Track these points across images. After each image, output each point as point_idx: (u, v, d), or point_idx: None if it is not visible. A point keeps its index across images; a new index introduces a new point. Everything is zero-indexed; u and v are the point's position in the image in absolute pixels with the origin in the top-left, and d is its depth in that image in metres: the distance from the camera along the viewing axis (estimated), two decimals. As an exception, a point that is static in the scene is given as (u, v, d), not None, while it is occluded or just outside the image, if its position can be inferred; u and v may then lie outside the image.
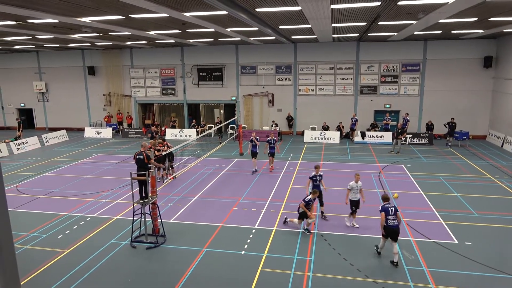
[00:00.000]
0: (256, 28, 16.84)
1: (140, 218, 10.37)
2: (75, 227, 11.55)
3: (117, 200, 13.92)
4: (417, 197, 13.92)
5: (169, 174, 16.63)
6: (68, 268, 9.07)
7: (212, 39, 23.18)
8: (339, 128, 25.66)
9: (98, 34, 19.02)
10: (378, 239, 9.64)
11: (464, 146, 22.70)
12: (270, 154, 17.51)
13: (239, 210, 12.76)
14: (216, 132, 25.52)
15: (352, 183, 10.97)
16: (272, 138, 17.40)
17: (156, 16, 13.57)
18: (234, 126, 26.92)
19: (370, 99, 26.48)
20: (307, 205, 10.66)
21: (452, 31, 19.67)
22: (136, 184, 11.32)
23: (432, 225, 11.36)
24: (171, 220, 11.92)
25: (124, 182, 15.99)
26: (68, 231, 11.22)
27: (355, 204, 11.04)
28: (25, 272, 8.85)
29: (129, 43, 24.49)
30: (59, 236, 10.88)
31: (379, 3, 11.71)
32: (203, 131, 26.42)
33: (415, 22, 15.73)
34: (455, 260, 9.26)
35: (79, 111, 31.40)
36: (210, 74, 28.54)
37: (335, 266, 9.03)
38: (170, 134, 27.25)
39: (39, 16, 13.03)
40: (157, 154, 14.78)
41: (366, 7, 12.39)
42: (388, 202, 9.24)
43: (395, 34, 20.52)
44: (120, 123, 29.78)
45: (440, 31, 19.52)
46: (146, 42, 24.05)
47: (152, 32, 18.62)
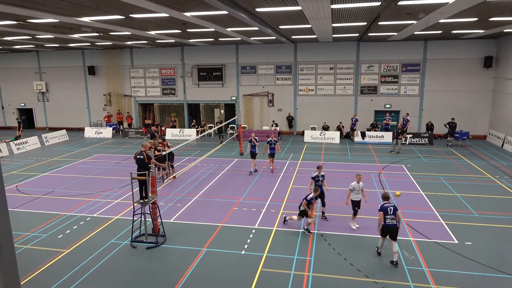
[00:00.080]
0: (256, 28, 16.84)
1: (140, 218, 10.37)
2: (75, 227, 11.56)
3: (117, 200, 13.92)
4: (417, 197, 13.92)
5: (169, 174, 16.64)
6: (68, 268, 9.07)
7: (212, 39, 23.18)
8: (339, 128, 25.66)
9: (98, 34, 19.02)
10: (378, 239, 9.62)
11: (464, 146, 22.69)
12: (271, 155, 17.44)
13: (239, 210, 12.76)
14: (216, 132, 25.51)
15: (353, 183, 10.94)
16: (272, 139, 17.29)
17: (156, 16, 13.57)
18: (234, 126, 26.92)
19: (370, 99, 26.48)
20: (309, 203, 10.68)
21: (452, 31, 19.67)
22: (136, 184, 11.32)
23: (432, 225, 11.36)
24: (171, 220, 11.92)
25: (124, 182, 15.99)
26: (68, 231, 11.23)
27: (357, 205, 11.03)
28: (25, 272, 8.85)
29: (129, 43, 24.49)
30: (59, 236, 10.89)
31: (379, 3, 11.70)
32: (203, 131, 26.43)
33: (415, 22, 15.73)
34: (455, 260, 9.26)
35: (79, 111, 31.41)
36: (210, 74, 28.53)
37: (335, 266, 9.03)
38: (170, 134, 27.26)
39: (39, 16, 13.02)
40: (157, 154, 14.79)
41: (366, 7, 12.38)
42: (388, 202, 9.23)
43: (395, 34, 20.52)
44: (120, 123, 29.78)
45: (440, 31, 19.52)
46: (146, 42, 24.05)
47: (152, 32, 18.62)
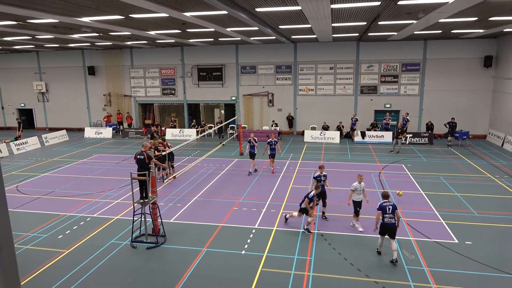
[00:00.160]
0: (256, 28, 16.83)
1: (140, 218, 10.37)
2: (75, 227, 11.55)
3: (117, 200, 13.92)
4: (417, 196, 13.92)
5: (170, 174, 16.64)
6: (68, 268, 9.07)
7: (212, 39, 23.18)
8: (339, 128, 25.66)
9: (98, 34, 19.02)
10: (378, 239, 9.62)
11: (464, 146, 22.69)
12: (271, 156, 17.35)
13: (239, 210, 12.76)
14: (217, 132, 25.50)
15: (355, 184, 10.91)
16: (272, 140, 17.21)
17: (156, 16, 13.57)
18: (234, 126, 26.92)
19: (370, 98, 26.48)
20: (311, 201, 10.69)
21: (452, 31, 19.66)
22: (136, 184, 11.33)
23: (432, 224, 11.36)
24: (171, 220, 11.92)
25: (124, 182, 15.99)
26: (68, 231, 11.23)
27: (359, 205, 11.01)
28: (25, 272, 8.85)
29: (129, 43, 24.49)
30: (59, 236, 10.89)
31: (379, 3, 11.69)
32: (203, 131, 26.42)
33: (415, 21, 15.72)
34: (456, 260, 9.26)
35: (79, 111, 31.40)
36: (210, 74, 28.53)
37: (335, 266, 9.03)
38: (170, 134, 27.26)
39: (39, 16, 13.02)
40: (157, 154, 14.79)
41: (366, 6, 12.38)
42: (388, 200, 9.24)
43: (395, 33, 20.52)
44: (120, 123, 29.77)
45: (440, 31, 19.51)
46: (146, 42, 24.05)
47: (152, 32, 18.61)
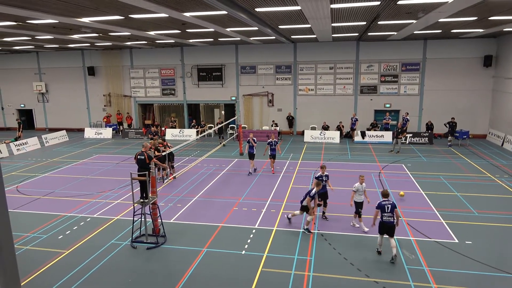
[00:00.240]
0: (256, 28, 16.83)
1: (140, 218, 10.37)
2: (75, 227, 11.56)
3: (117, 201, 13.92)
4: (417, 196, 13.92)
5: (170, 174, 16.64)
6: (69, 268, 9.07)
7: (212, 39, 23.18)
8: (339, 128, 25.66)
9: (97, 35, 19.02)
10: (377, 239, 9.62)
11: (464, 145, 22.69)
12: (272, 156, 17.29)
13: (239, 210, 12.76)
14: (217, 133, 25.49)
15: (357, 184, 10.88)
16: (273, 140, 17.17)
17: (156, 16, 13.56)
18: (234, 126, 26.91)
19: (370, 98, 26.48)
20: (312, 198, 10.71)
21: (452, 30, 19.66)
22: (136, 184, 11.33)
23: (432, 224, 11.36)
24: (172, 220, 11.92)
25: (124, 183, 15.99)
26: (69, 232, 11.23)
27: (360, 206, 10.99)
28: (25, 272, 8.85)
29: (129, 43, 24.49)
30: (60, 237, 10.89)
31: (379, 3, 11.69)
32: (203, 131, 26.42)
33: (415, 21, 15.72)
34: (456, 259, 9.26)
35: (79, 112, 31.40)
36: (210, 74, 28.53)
37: (336, 266, 9.03)
38: (170, 134, 27.26)
39: (39, 16, 13.02)
40: (157, 154, 14.78)
41: (366, 6, 12.37)
42: (387, 199, 9.25)
43: (395, 33, 20.51)
44: (120, 123, 29.77)
45: (440, 30, 19.51)
46: (146, 42, 24.05)
47: (152, 32, 18.61)
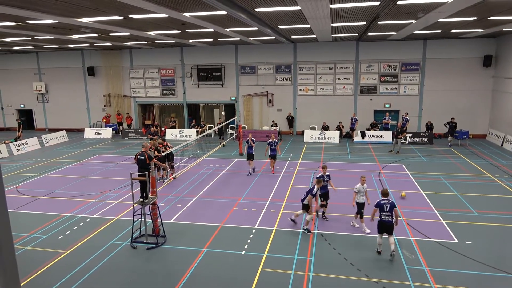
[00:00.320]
0: (256, 28, 16.83)
1: (140, 218, 10.37)
2: (75, 228, 11.55)
3: (117, 201, 13.92)
4: (417, 196, 13.93)
5: (170, 174, 16.64)
6: (68, 269, 9.07)
7: (211, 39, 23.17)
8: (339, 128, 25.66)
9: (97, 35, 19.01)
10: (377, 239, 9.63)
11: (464, 145, 22.69)
12: (272, 157, 17.25)
13: (239, 210, 12.76)
14: (217, 133, 25.48)
15: (358, 185, 10.87)
16: (273, 140, 17.13)
17: (156, 17, 13.56)
18: (234, 126, 26.91)
19: (369, 98, 26.48)
20: (314, 197, 10.73)
21: (451, 30, 19.66)
22: (136, 184, 11.32)
23: (432, 224, 11.36)
24: (171, 221, 11.92)
25: (124, 183, 15.99)
26: (68, 232, 11.23)
27: (362, 207, 10.96)
28: (25, 273, 8.85)
29: (128, 43, 24.49)
30: (59, 237, 10.89)
31: (379, 3, 11.69)
32: (203, 131, 26.41)
33: (414, 21, 15.72)
34: (455, 259, 9.26)
35: (79, 112, 31.39)
36: (210, 74, 28.53)
37: (336, 266, 9.04)
38: (170, 134, 27.25)
39: (39, 16, 13.01)
40: (157, 155, 14.78)
41: (366, 6, 12.37)
42: (386, 198, 9.26)
43: (395, 33, 20.52)
44: (119, 123, 29.76)
45: (440, 30, 19.52)
46: (146, 42, 24.05)
47: (152, 33, 18.61)
